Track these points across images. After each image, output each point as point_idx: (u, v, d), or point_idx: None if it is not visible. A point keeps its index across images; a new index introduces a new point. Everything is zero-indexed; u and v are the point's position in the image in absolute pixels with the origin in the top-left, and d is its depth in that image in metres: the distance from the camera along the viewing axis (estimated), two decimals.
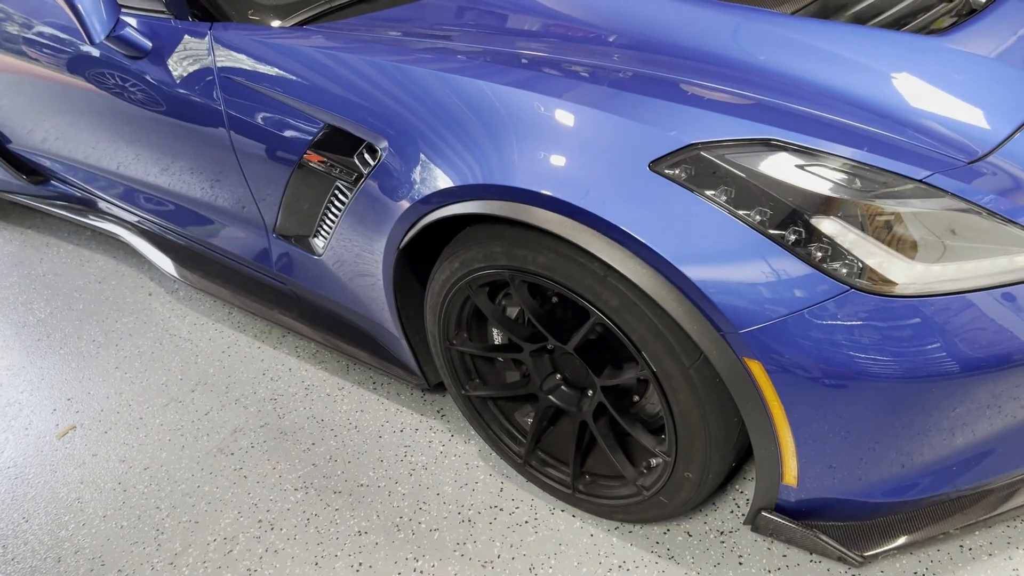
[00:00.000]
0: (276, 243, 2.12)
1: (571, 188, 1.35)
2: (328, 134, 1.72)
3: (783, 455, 1.39)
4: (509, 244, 1.49)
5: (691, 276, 1.26)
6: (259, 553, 1.82)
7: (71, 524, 1.99)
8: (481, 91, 1.50)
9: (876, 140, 1.35)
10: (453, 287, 1.64)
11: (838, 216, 1.24)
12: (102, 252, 3.20)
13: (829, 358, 1.24)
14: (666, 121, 1.35)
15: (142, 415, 2.30)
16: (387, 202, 1.64)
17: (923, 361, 1.24)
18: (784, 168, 1.28)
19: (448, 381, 1.88)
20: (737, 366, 1.30)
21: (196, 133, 2.07)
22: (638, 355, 1.41)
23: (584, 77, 1.52)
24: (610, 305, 1.39)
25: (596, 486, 1.73)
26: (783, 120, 1.36)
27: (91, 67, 2.26)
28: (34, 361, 2.61)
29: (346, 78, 1.69)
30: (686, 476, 1.51)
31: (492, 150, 1.45)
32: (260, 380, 2.38)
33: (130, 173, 2.51)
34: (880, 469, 1.40)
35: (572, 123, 1.40)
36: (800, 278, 1.23)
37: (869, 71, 1.54)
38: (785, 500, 1.48)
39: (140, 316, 2.76)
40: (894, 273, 1.22)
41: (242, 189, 2.08)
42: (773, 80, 1.53)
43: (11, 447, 2.27)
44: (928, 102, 1.48)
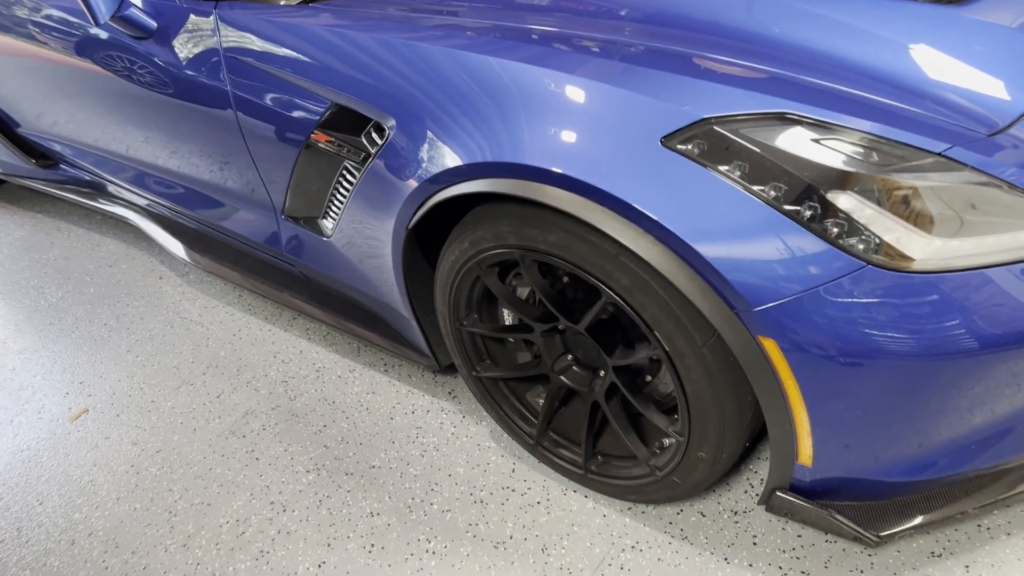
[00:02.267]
0: (285, 225, 2.11)
1: (582, 165, 1.32)
2: (335, 113, 1.70)
3: (798, 434, 1.37)
4: (519, 223, 1.47)
5: (704, 254, 1.24)
6: (271, 535, 1.82)
7: (85, 507, 1.99)
8: (490, 67, 1.48)
9: (893, 113, 1.32)
10: (463, 267, 1.63)
11: (855, 191, 1.21)
12: (112, 236, 3.20)
13: (845, 336, 1.22)
14: (678, 96, 1.32)
15: (154, 398, 2.31)
16: (395, 182, 1.62)
17: (941, 338, 1.21)
18: (799, 142, 1.25)
19: (459, 362, 1.87)
20: (751, 345, 1.28)
21: (203, 114, 2.06)
22: (650, 334, 1.39)
23: (595, 52, 1.49)
24: (622, 284, 1.37)
25: (608, 466, 1.72)
26: (798, 93, 1.33)
27: (98, 49, 2.24)
28: (47, 345, 2.62)
29: (353, 56, 1.67)
30: (699, 456, 1.50)
31: (501, 127, 1.43)
32: (271, 363, 2.37)
33: (139, 156, 2.51)
34: (897, 448, 1.38)
35: (583, 99, 1.38)
36: (815, 254, 1.21)
37: (886, 42, 1.51)
38: (800, 480, 1.46)
39: (151, 299, 2.76)
40: (912, 248, 1.20)
41: (250, 171, 2.07)
42: (787, 53, 1.50)
43: (25, 430, 2.27)
44: (947, 73, 1.44)
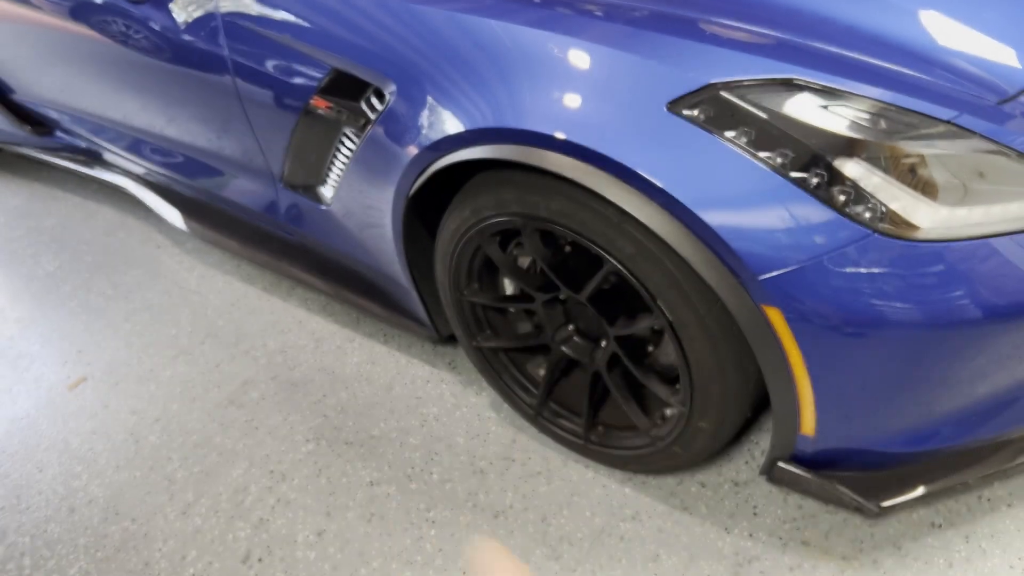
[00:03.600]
0: (283, 193, 2.09)
1: (585, 131, 1.30)
2: (334, 79, 1.68)
3: (801, 405, 1.36)
4: (521, 190, 1.45)
5: (709, 221, 1.23)
6: (271, 504, 1.82)
7: (84, 475, 1.99)
8: (492, 31, 1.45)
9: (901, 80, 1.30)
10: (464, 236, 1.61)
11: (862, 158, 1.20)
12: (109, 204, 3.17)
13: (850, 305, 1.21)
14: (684, 61, 1.30)
15: (152, 367, 2.30)
16: (395, 148, 1.60)
17: (946, 308, 1.20)
18: (807, 108, 1.23)
19: (459, 333, 1.86)
20: (755, 314, 1.26)
21: (201, 80, 2.03)
22: (653, 304, 1.38)
23: (598, 16, 1.46)
24: (625, 252, 1.35)
25: (609, 437, 1.71)
26: (805, 59, 1.31)
27: (94, 14, 2.21)
28: (44, 314, 2.60)
29: (352, 20, 1.64)
30: (701, 426, 1.49)
31: (503, 92, 1.41)
32: (270, 332, 2.36)
33: (135, 123, 2.48)
34: (899, 419, 1.37)
35: (586, 63, 1.35)
36: (822, 223, 1.19)
37: (894, 8, 1.48)
38: (802, 450, 1.46)
39: (148, 269, 2.75)
40: (918, 217, 1.18)
41: (248, 138, 2.04)
42: (794, 18, 1.48)
43: (23, 398, 2.27)
44: (956, 40, 1.42)
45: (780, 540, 1.58)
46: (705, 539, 1.61)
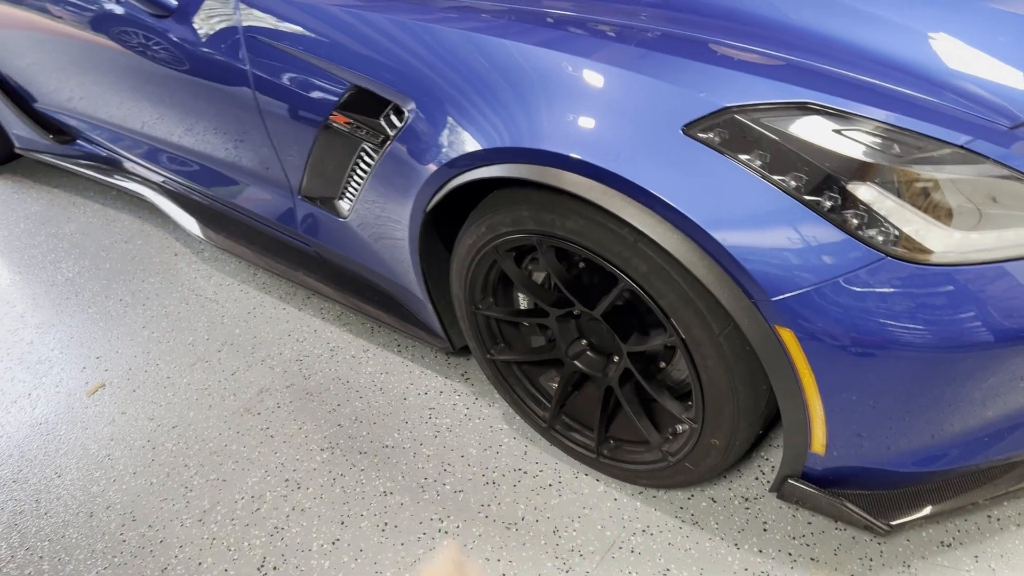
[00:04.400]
0: (301, 205, 2.12)
1: (601, 151, 1.33)
2: (354, 95, 1.71)
3: (812, 423, 1.37)
4: (537, 208, 1.48)
5: (723, 242, 1.24)
6: (286, 512, 1.85)
7: (102, 480, 2.02)
8: (508, 52, 1.47)
9: (915, 104, 1.31)
10: (479, 251, 1.63)
11: (875, 182, 1.21)
12: (128, 212, 3.21)
13: (862, 327, 1.22)
14: (698, 83, 1.32)
15: (170, 374, 2.33)
16: (414, 165, 1.62)
17: (957, 331, 1.22)
18: (821, 132, 1.25)
19: (473, 345, 1.88)
20: (768, 334, 1.28)
21: (221, 93, 2.06)
22: (667, 322, 1.40)
23: (611, 37, 1.48)
24: (639, 271, 1.37)
25: (621, 451, 1.73)
26: (819, 83, 1.33)
27: (116, 25, 2.24)
28: (63, 319, 2.64)
29: (372, 38, 1.67)
30: (712, 443, 1.51)
31: (520, 112, 1.43)
32: (285, 341, 2.39)
33: (155, 133, 2.51)
34: (909, 439, 1.38)
35: (602, 84, 1.38)
36: (835, 245, 1.21)
37: (907, 31, 1.50)
38: (812, 468, 1.47)
39: (166, 276, 2.78)
40: (931, 241, 1.20)
41: (267, 150, 2.08)
42: (807, 41, 1.49)
43: (42, 404, 2.30)
44: (969, 64, 1.43)
45: (789, 556, 1.60)
46: (715, 554, 1.62)
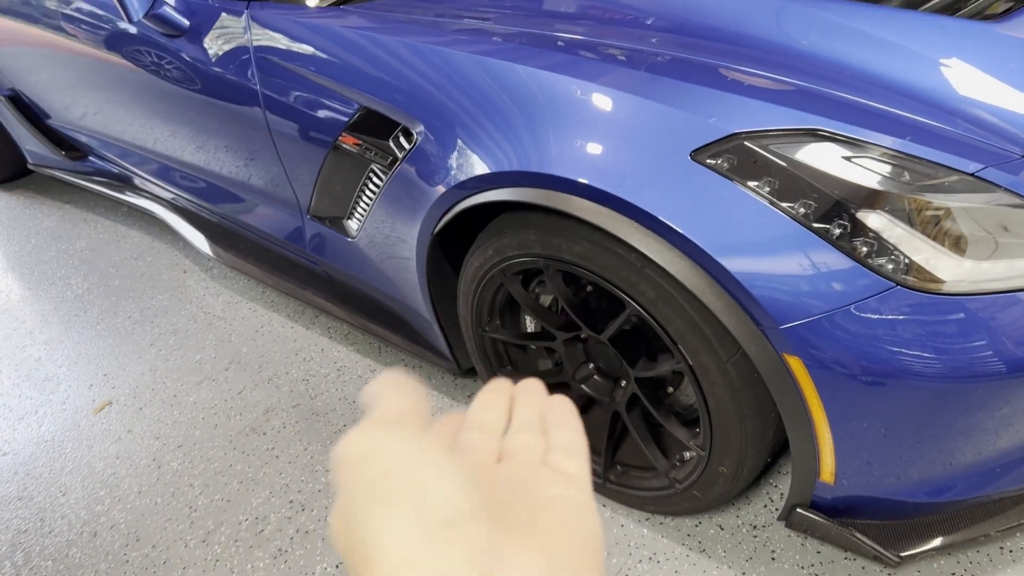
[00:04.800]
0: (310, 224, 2.12)
1: (608, 176, 1.32)
2: (363, 116, 1.71)
3: (820, 452, 1.36)
4: (544, 232, 1.47)
5: (731, 269, 1.24)
6: (290, 534, 1.84)
7: (107, 499, 2.02)
8: (518, 75, 1.47)
9: (925, 131, 1.31)
10: (487, 274, 1.63)
11: (885, 210, 1.20)
12: (138, 228, 3.23)
13: (872, 356, 1.21)
14: (707, 109, 1.32)
15: (176, 392, 2.33)
16: (422, 187, 1.62)
17: (968, 361, 1.20)
18: (830, 159, 1.24)
19: (480, 367, 1.87)
20: (776, 362, 1.27)
21: (231, 112, 2.07)
22: (674, 348, 1.39)
23: (621, 61, 1.48)
24: (647, 296, 1.36)
25: (628, 477, 1.71)
26: (829, 109, 1.32)
27: (128, 44, 2.26)
28: (72, 336, 2.65)
29: (382, 60, 1.67)
30: (720, 471, 1.49)
31: (528, 136, 1.43)
32: (293, 360, 2.39)
33: (165, 150, 2.53)
34: (920, 468, 1.37)
35: (610, 109, 1.37)
36: (844, 273, 1.20)
37: (919, 57, 1.49)
38: (821, 497, 1.46)
39: (175, 293, 2.79)
40: (941, 270, 1.19)
41: (276, 169, 2.08)
42: (818, 66, 1.49)
43: (49, 421, 2.30)
44: (980, 91, 1.43)
45: None
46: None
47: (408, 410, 0.43)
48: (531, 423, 0.47)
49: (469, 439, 0.46)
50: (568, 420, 0.48)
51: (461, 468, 0.39)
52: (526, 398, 0.50)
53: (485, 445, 0.45)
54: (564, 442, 0.46)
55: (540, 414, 0.48)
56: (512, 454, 0.44)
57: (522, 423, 0.47)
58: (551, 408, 0.49)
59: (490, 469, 0.43)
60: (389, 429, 0.41)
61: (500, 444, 0.46)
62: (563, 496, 0.42)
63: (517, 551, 0.36)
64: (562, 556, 0.38)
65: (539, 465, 0.44)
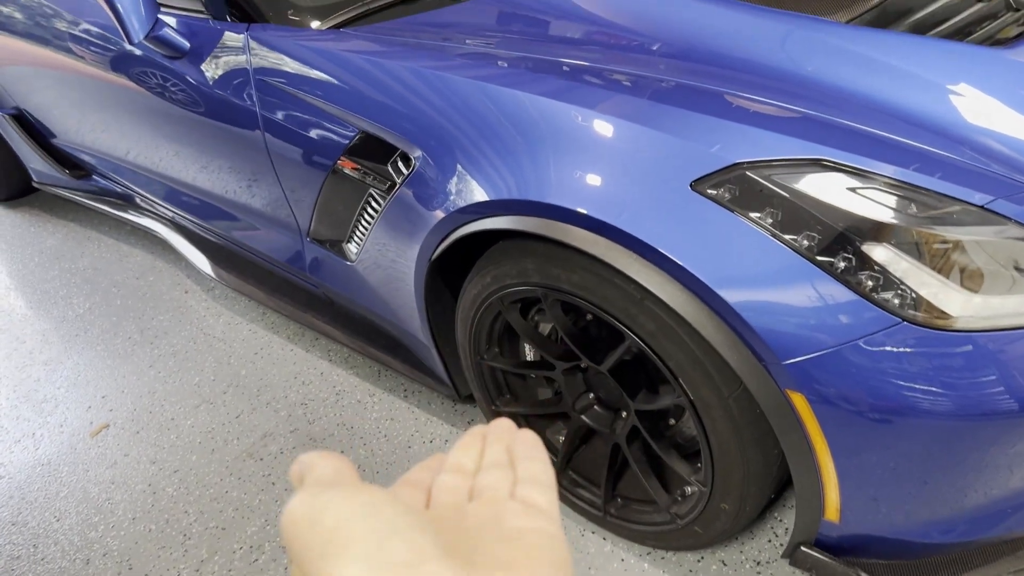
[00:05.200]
0: (310, 247, 2.09)
1: (607, 206, 1.29)
2: (362, 141, 1.69)
3: (825, 490, 1.32)
4: (542, 261, 1.44)
5: (732, 302, 1.20)
6: (284, 564, 1.80)
7: (101, 525, 1.99)
8: (520, 102, 1.45)
9: (934, 160, 1.27)
10: (484, 302, 1.60)
11: (891, 243, 1.17)
12: (141, 248, 3.21)
13: (878, 392, 1.17)
14: (710, 137, 1.29)
15: (174, 416, 2.30)
16: (420, 212, 1.60)
17: (978, 398, 1.16)
18: (834, 190, 1.20)
19: (478, 396, 1.84)
20: (779, 398, 1.23)
21: (232, 134, 2.05)
22: (675, 382, 1.35)
23: (626, 87, 1.46)
24: (646, 329, 1.33)
25: (628, 510, 1.67)
26: (834, 138, 1.29)
27: (132, 66, 2.25)
28: (71, 357, 2.63)
29: (381, 84, 1.65)
30: (722, 507, 1.45)
31: (528, 164, 1.40)
32: (291, 384, 2.36)
33: (168, 171, 2.51)
34: (931, 507, 1.32)
35: (612, 139, 1.35)
36: (849, 308, 1.16)
37: (926, 84, 1.46)
38: (826, 535, 1.41)
39: (176, 314, 2.77)
40: (950, 305, 1.15)
41: (277, 192, 2.06)
42: (824, 93, 1.46)
43: (46, 444, 2.28)
44: (990, 119, 1.39)
45: None
46: None
47: (342, 470, 0.43)
48: (499, 460, 0.48)
49: (444, 481, 0.47)
50: (534, 452, 0.49)
51: (411, 513, 0.39)
52: (495, 436, 0.51)
53: (458, 485, 0.46)
54: (531, 474, 0.47)
55: (508, 449, 0.49)
56: (481, 491, 0.45)
57: (491, 461, 0.49)
58: (518, 442, 0.50)
59: (461, 508, 0.44)
60: (330, 489, 0.41)
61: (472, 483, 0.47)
62: (530, 527, 0.42)
63: None
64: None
65: (507, 499, 0.45)
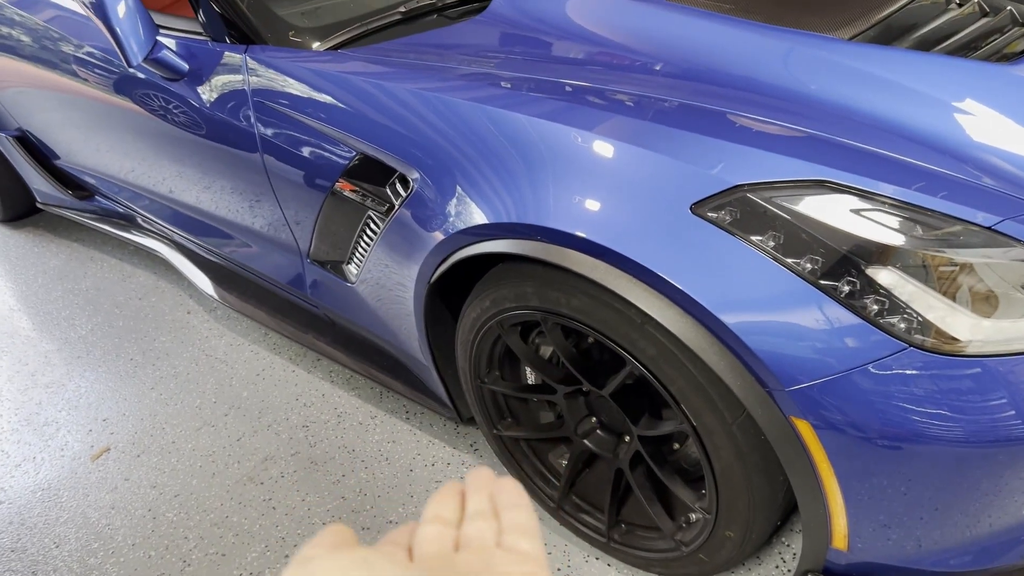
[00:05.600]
0: (310, 268, 2.08)
1: (607, 230, 1.27)
2: (360, 163, 1.67)
3: (832, 518, 1.29)
4: (541, 285, 1.42)
5: (734, 328, 1.18)
6: None
7: (100, 552, 1.97)
8: (519, 123, 1.43)
9: (939, 180, 1.25)
10: (484, 325, 1.58)
11: (896, 266, 1.14)
12: (144, 268, 3.20)
13: (884, 419, 1.15)
14: (711, 159, 1.26)
15: (175, 439, 2.28)
16: (419, 234, 1.58)
17: (989, 423, 1.14)
18: (838, 213, 1.18)
19: (480, 419, 1.81)
20: (784, 425, 1.20)
21: (232, 155, 2.04)
22: (677, 408, 1.33)
23: (628, 108, 1.44)
24: (647, 354, 1.30)
25: (632, 537, 1.64)
26: (837, 158, 1.27)
27: (133, 88, 2.25)
28: (73, 379, 2.61)
29: (379, 105, 1.64)
30: (727, 535, 1.42)
31: (527, 186, 1.38)
32: (293, 406, 2.34)
33: (170, 192, 2.50)
34: (940, 534, 1.29)
35: (611, 161, 1.33)
36: (854, 333, 1.13)
37: (931, 102, 1.44)
38: (834, 563, 1.38)
39: (178, 335, 2.75)
40: (958, 330, 1.12)
41: (277, 213, 2.05)
42: (827, 112, 1.44)
43: (47, 468, 2.26)
44: (996, 137, 1.37)
45: None
46: None
47: (338, 537, 0.44)
48: (483, 509, 0.49)
49: (426, 532, 0.47)
50: (518, 500, 0.50)
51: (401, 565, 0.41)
52: (475, 485, 0.52)
53: (442, 536, 0.47)
54: (516, 522, 0.48)
55: (490, 498, 0.50)
56: (468, 541, 0.46)
57: (474, 511, 0.49)
58: (500, 491, 0.51)
59: (448, 559, 0.44)
60: (325, 553, 0.42)
61: (457, 533, 0.47)
62: (520, 573, 0.43)
63: None
64: None
65: (494, 548, 0.45)
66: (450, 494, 0.52)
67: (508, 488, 0.51)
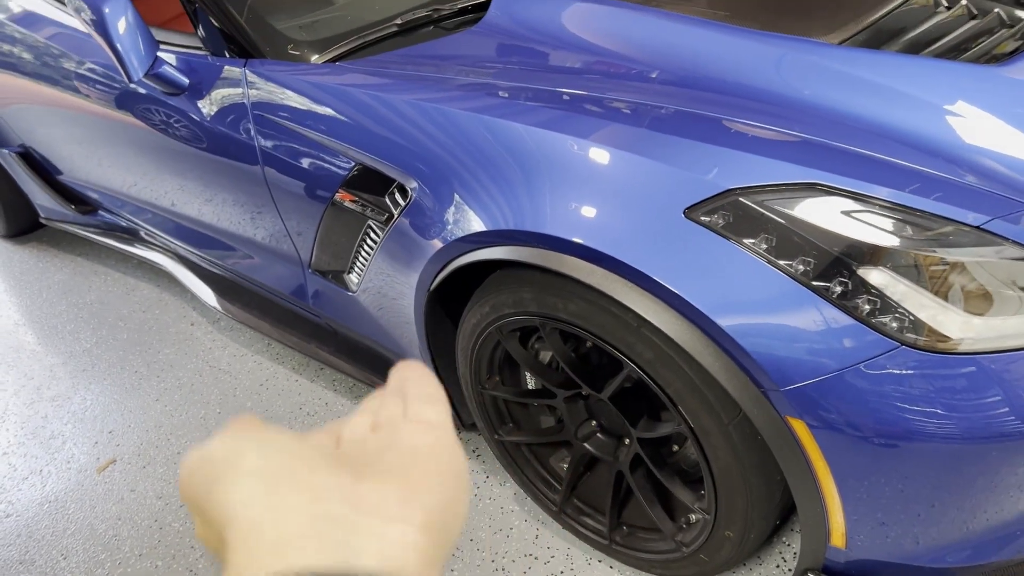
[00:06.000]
0: (312, 278, 2.10)
1: (602, 236, 1.29)
2: (359, 173, 1.69)
3: (830, 516, 1.30)
4: (539, 290, 1.44)
5: (729, 330, 1.20)
6: None
7: (107, 563, 1.98)
8: (515, 132, 1.45)
9: (928, 181, 1.27)
10: (483, 331, 1.60)
11: (887, 267, 1.16)
12: (147, 281, 3.23)
13: (879, 417, 1.16)
14: (704, 164, 1.29)
15: (180, 450, 2.30)
16: (418, 242, 1.60)
17: (983, 420, 1.15)
18: (829, 215, 1.20)
19: (481, 425, 1.83)
20: (779, 425, 1.22)
21: (233, 168, 2.07)
22: (674, 410, 1.34)
23: (624, 115, 1.46)
24: (644, 357, 1.32)
25: (633, 538, 1.66)
26: (828, 161, 1.29)
27: (135, 103, 2.27)
28: (79, 392, 2.64)
29: (377, 117, 1.66)
30: (727, 535, 1.44)
31: (524, 194, 1.40)
32: (296, 415, 2.36)
33: (172, 206, 2.53)
34: (940, 530, 1.31)
35: (606, 168, 1.35)
36: (846, 333, 1.15)
37: (922, 104, 1.46)
38: (834, 561, 1.40)
39: (182, 347, 2.78)
40: (949, 328, 1.14)
41: (278, 224, 2.07)
42: (819, 116, 1.46)
43: (53, 480, 2.28)
44: (986, 138, 1.39)
45: None
46: None
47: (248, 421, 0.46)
48: (393, 391, 0.50)
49: (352, 421, 0.49)
50: (422, 374, 0.51)
51: (306, 440, 0.42)
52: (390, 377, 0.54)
53: (363, 423, 0.48)
54: (421, 392, 0.49)
55: (400, 380, 0.51)
56: (379, 422, 0.47)
57: (385, 395, 0.50)
58: (407, 370, 0.52)
59: (363, 442, 0.46)
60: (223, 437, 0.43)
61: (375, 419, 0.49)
62: (424, 442, 0.44)
63: (372, 488, 0.39)
64: (421, 483, 0.41)
65: (401, 421, 0.47)
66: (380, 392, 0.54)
67: (413, 366, 0.52)
